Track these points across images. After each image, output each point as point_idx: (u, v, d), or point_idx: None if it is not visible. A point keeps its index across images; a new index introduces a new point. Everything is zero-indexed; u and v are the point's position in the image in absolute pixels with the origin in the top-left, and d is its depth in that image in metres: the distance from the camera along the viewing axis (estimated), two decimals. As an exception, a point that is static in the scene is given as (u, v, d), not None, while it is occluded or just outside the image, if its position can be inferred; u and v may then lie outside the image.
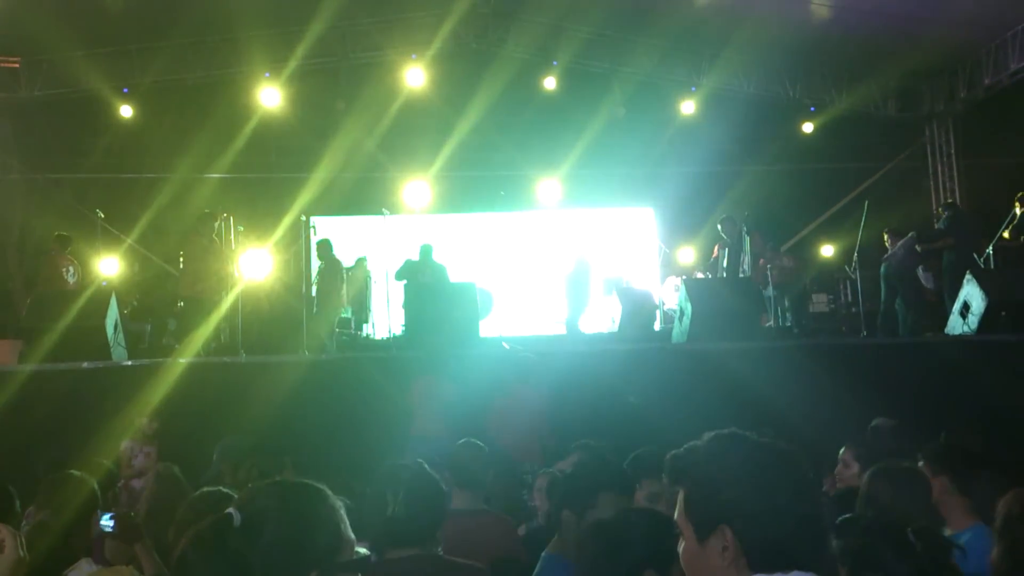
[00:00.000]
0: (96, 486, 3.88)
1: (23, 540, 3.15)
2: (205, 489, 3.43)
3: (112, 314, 9.17)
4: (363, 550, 2.84)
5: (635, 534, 2.51)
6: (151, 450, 6.68)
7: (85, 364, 8.40)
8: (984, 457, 4.41)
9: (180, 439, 6.87)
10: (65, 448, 5.96)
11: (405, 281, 11.37)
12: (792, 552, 1.63)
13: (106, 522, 3.35)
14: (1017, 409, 7.57)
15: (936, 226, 11.31)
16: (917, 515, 2.93)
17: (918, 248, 10.87)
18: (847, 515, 3.45)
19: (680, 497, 1.75)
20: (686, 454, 1.75)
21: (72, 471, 4.15)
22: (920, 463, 3.81)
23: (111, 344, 8.96)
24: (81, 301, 9.57)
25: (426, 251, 11.91)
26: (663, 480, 3.44)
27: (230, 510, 1.73)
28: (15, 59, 13.76)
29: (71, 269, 10.94)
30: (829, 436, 5.06)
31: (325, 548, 1.77)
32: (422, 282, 11.32)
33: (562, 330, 12.65)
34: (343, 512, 1.86)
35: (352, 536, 1.87)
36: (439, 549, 2.99)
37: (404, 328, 10.96)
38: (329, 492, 1.88)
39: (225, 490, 3.32)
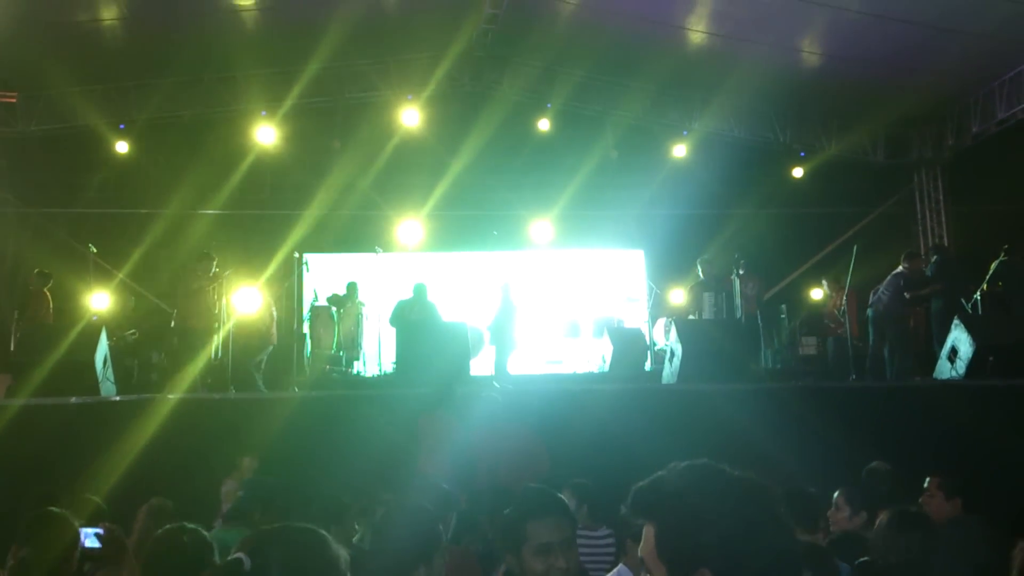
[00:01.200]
0: (75, 522, 3.86)
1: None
2: (174, 525, 3.42)
3: (102, 349, 9.17)
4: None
5: None
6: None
7: (74, 399, 8.38)
8: (888, 498, 4.58)
9: (169, 473, 6.85)
10: (53, 484, 5.93)
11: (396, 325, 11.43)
12: None
13: (91, 540, 3.34)
14: (1004, 453, 7.61)
15: (924, 271, 11.40)
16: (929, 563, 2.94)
17: (906, 295, 10.95)
18: (863, 560, 3.48)
19: (650, 534, 1.63)
20: (655, 486, 1.63)
21: (52, 508, 4.14)
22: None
23: (100, 379, 8.95)
24: (71, 336, 9.58)
25: (420, 290, 11.93)
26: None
27: (240, 555, 1.75)
28: (12, 94, 13.85)
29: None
30: (818, 478, 5.08)
31: None
32: (413, 320, 11.35)
33: (551, 368, 12.73)
34: (345, 561, 1.88)
35: None
36: None
37: (395, 366, 10.98)
38: (331, 539, 1.89)
39: (191, 526, 3.31)
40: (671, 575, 1.59)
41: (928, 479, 4.84)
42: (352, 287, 12.82)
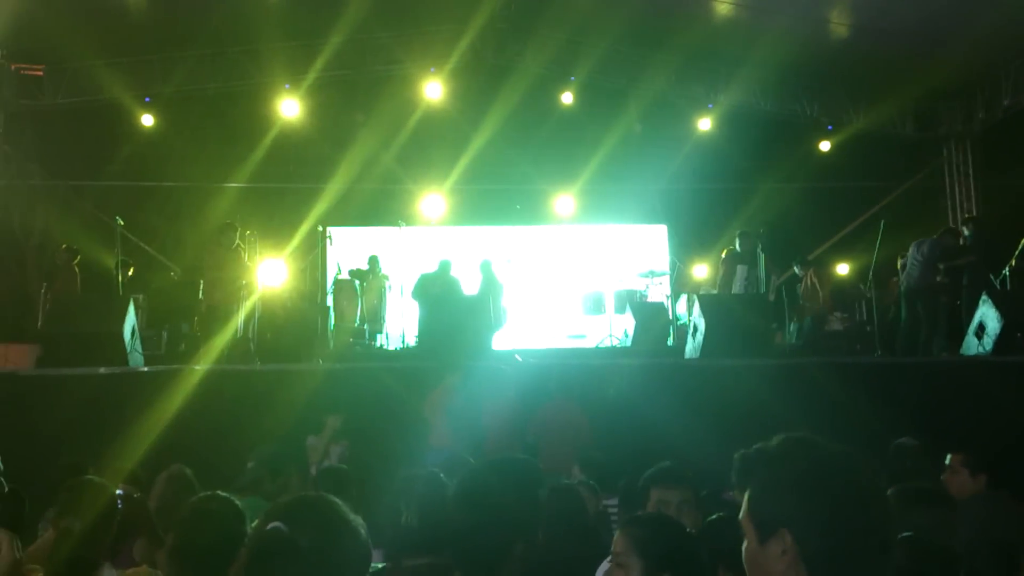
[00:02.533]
0: (115, 492, 3.92)
1: (19, 543, 3.20)
2: (206, 493, 3.46)
3: (130, 320, 9.25)
4: (377, 564, 2.89)
5: None
6: (334, 448, 6.78)
7: (102, 370, 8.47)
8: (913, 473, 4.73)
9: (196, 444, 6.93)
10: (81, 453, 6.01)
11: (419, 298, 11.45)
12: (853, 562, 1.61)
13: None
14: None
15: (960, 243, 11.21)
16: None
17: (940, 266, 10.78)
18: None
19: (745, 497, 1.75)
20: (755, 455, 1.75)
21: (91, 476, 4.20)
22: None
23: (128, 350, 9.03)
24: (99, 307, 9.68)
25: (444, 266, 11.88)
26: (680, 488, 3.52)
27: (276, 524, 1.77)
28: (39, 67, 13.93)
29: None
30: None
31: (356, 559, 1.81)
32: (435, 294, 11.37)
33: (573, 343, 12.72)
34: (363, 527, 1.90)
35: (371, 551, 1.90)
36: None
37: (418, 339, 11.01)
38: (345, 506, 1.91)
39: (224, 494, 3.35)
40: (758, 535, 1.69)
41: (949, 456, 4.80)
42: (374, 260, 12.86)
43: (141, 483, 5.07)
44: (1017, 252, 11.19)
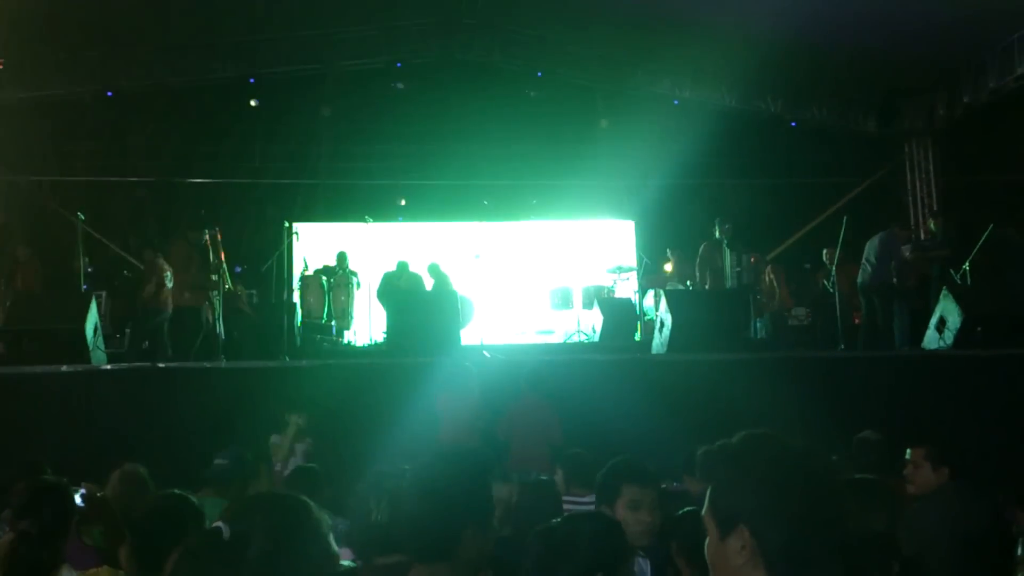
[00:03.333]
0: (72, 493, 3.87)
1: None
2: (164, 492, 3.44)
3: (92, 318, 9.13)
4: (347, 562, 2.88)
5: (582, 538, 2.51)
6: (298, 446, 6.76)
7: (64, 367, 8.36)
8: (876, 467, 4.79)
9: (159, 441, 6.87)
10: (41, 452, 5.94)
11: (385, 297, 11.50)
12: (810, 557, 1.63)
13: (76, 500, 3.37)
14: (988, 423, 7.69)
15: (932, 236, 11.35)
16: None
17: (907, 255, 10.87)
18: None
19: (707, 493, 1.77)
20: (717, 451, 1.76)
21: (47, 476, 4.14)
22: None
23: (91, 348, 8.92)
24: (61, 304, 9.55)
25: (403, 266, 12.29)
26: (652, 487, 3.56)
27: (218, 524, 1.75)
28: (-2, 60, 13.70)
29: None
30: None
31: (313, 561, 1.79)
32: (403, 290, 11.34)
33: (541, 339, 12.77)
34: (327, 526, 1.89)
35: (336, 550, 1.89)
36: None
37: (386, 336, 10.98)
38: (313, 505, 1.90)
39: (179, 492, 3.33)
40: (719, 531, 1.71)
41: (909, 450, 4.86)
42: (342, 256, 12.81)
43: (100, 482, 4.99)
44: (978, 246, 11.37)
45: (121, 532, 3.46)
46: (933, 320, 10.06)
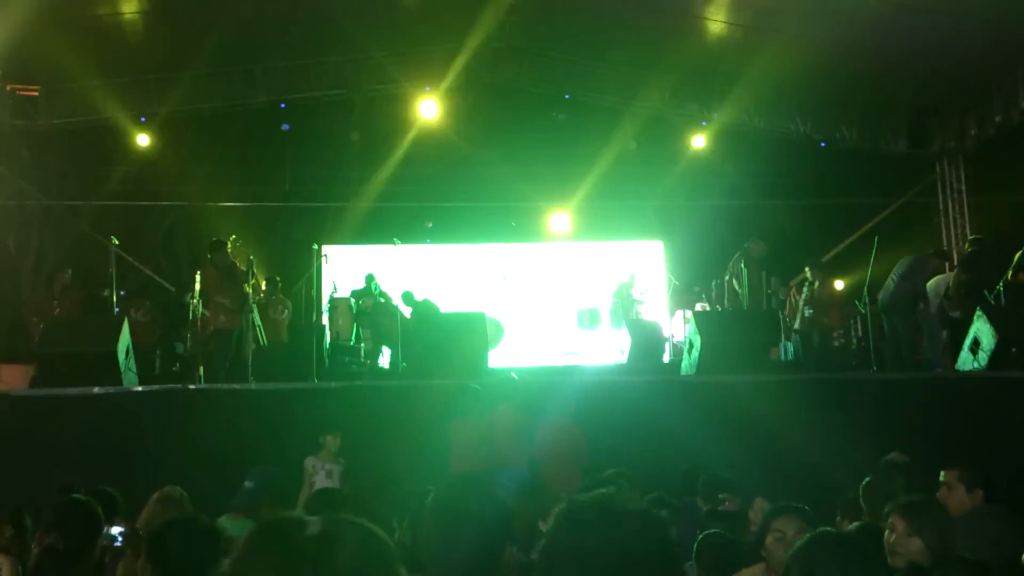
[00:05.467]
0: (100, 510, 3.89)
1: (19, 568, 3.18)
2: (181, 514, 3.43)
3: (124, 340, 9.22)
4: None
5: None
6: (333, 468, 6.77)
7: (96, 389, 8.44)
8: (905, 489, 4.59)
9: (191, 464, 6.90)
10: (74, 473, 5.99)
11: (411, 309, 11.51)
12: None
13: (114, 538, 3.38)
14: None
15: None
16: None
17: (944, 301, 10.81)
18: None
19: None
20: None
21: (76, 495, 4.18)
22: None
23: (123, 370, 9.00)
24: (93, 327, 9.66)
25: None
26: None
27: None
28: (35, 87, 13.94)
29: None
30: (840, 469, 5.04)
31: None
32: (432, 312, 11.35)
33: (568, 360, 12.71)
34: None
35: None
36: None
37: (410, 358, 11.00)
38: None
39: (195, 515, 3.32)
40: None
41: (943, 472, 4.78)
42: (370, 278, 12.87)
43: (119, 507, 4.98)
44: (1011, 266, 11.21)
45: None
46: (967, 341, 9.93)
